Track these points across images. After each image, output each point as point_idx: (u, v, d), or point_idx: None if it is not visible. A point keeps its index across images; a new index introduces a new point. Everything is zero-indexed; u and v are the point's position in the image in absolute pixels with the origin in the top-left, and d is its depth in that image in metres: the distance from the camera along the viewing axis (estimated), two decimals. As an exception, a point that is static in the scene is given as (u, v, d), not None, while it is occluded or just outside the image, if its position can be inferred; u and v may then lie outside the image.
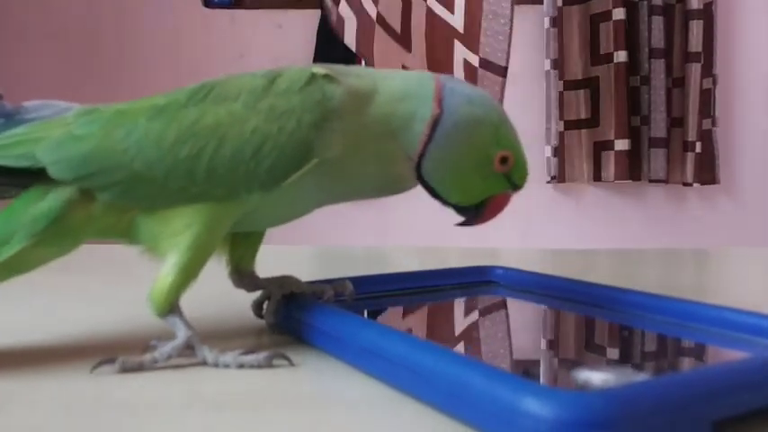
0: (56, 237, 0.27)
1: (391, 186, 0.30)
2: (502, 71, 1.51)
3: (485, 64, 1.51)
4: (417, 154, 0.28)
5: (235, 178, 0.26)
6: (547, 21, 1.71)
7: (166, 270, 0.27)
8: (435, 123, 0.28)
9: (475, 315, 0.34)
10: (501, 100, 1.53)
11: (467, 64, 1.53)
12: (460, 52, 1.53)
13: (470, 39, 1.53)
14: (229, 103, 0.27)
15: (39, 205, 0.27)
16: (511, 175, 0.30)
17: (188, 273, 0.27)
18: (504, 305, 0.35)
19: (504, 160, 0.29)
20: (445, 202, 0.30)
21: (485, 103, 0.29)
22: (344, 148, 0.27)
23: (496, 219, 0.32)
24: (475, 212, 0.31)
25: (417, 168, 0.29)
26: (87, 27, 1.81)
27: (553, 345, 0.28)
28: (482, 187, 0.30)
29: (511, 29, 1.51)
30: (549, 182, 1.72)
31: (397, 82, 0.29)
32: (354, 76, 0.29)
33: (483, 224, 0.31)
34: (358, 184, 0.29)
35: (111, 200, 0.27)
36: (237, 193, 0.27)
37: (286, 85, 0.27)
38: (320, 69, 0.28)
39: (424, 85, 0.29)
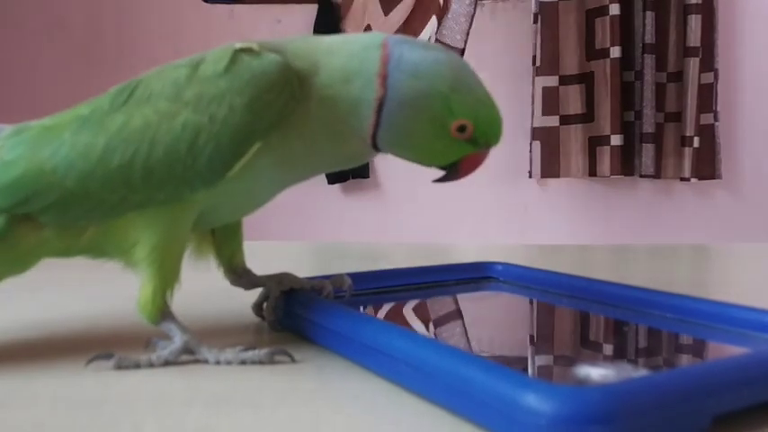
0: (5, 258, 0.26)
1: (349, 161, 0.29)
2: (459, 54, 1.52)
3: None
4: (370, 136, 0.27)
5: (174, 179, 0.25)
6: (532, 16, 1.71)
7: (143, 280, 0.26)
8: (380, 105, 0.27)
9: (474, 311, 0.34)
10: None
11: None
12: (430, 29, 1.55)
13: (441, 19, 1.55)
14: (154, 100, 0.25)
15: None
16: (477, 139, 0.28)
17: (164, 277, 0.26)
18: (503, 301, 0.35)
19: (462, 128, 0.27)
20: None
21: (433, 72, 0.27)
22: (290, 128, 0.26)
23: (494, 216, 0.31)
24: (450, 171, 0.29)
25: (374, 144, 0.28)
26: (87, 21, 1.81)
27: (553, 340, 0.28)
28: (446, 153, 0.28)
29: (474, 10, 1.52)
30: (529, 177, 1.73)
31: (341, 60, 0.27)
32: (292, 54, 0.27)
33: (460, 179, 0.30)
34: (313, 161, 0.28)
35: (52, 222, 0.26)
36: (180, 193, 0.26)
37: (210, 69, 0.26)
38: (244, 44, 0.26)
39: (368, 59, 0.27)
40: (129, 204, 0.25)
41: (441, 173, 0.30)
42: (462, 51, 1.55)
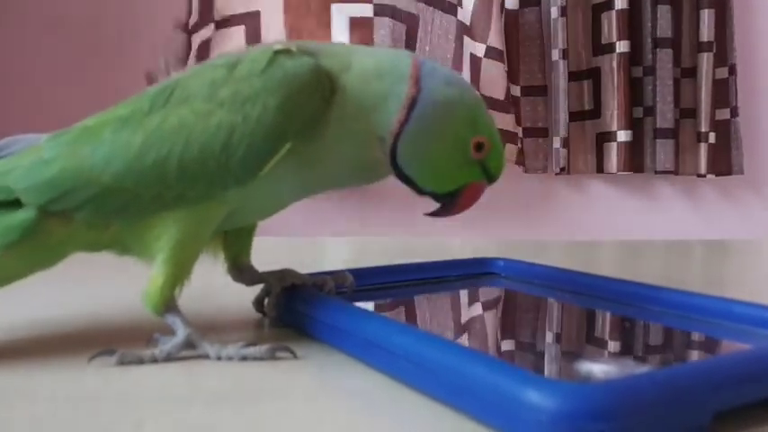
0: (35, 251, 0.26)
1: (366, 173, 0.29)
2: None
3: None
4: (393, 134, 0.27)
5: (207, 176, 0.26)
6: (554, 11, 1.68)
7: (156, 271, 0.27)
8: (413, 103, 0.27)
9: (476, 307, 0.34)
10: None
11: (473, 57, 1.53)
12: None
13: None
14: (191, 100, 0.26)
15: (11, 216, 0.26)
16: (486, 164, 0.29)
17: (178, 272, 0.27)
18: (505, 297, 0.35)
19: (479, 146, 0.28)
20: (420, 191, 0.29)
21: (462, 86, 0.29)
22: (318, 128, 0.27)
23: (499, 211, 0.31)
24: (448, 202, 0.30)
25: (392, 153, 0.28)
26: (87, 20, 1.81)
27: (555, 337, 0.28)
28: (456, 174, 0.29)
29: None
30: (558, 174, 1.70)
31: (373, 59, 0.28)
32: (326, 55, 0.28)
33: (455, 215, 0.30)
34: (333, 168, 0.28)
35: (86, 219, 0.26)
36: (213, 191, 0.26)
37: (247, 69, 0.26)
38: (283, 45, 0.27)
39: (400, 62, 0.28)
40: (162, 202, 0.26)
41: (431, 203, 0.30)
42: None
